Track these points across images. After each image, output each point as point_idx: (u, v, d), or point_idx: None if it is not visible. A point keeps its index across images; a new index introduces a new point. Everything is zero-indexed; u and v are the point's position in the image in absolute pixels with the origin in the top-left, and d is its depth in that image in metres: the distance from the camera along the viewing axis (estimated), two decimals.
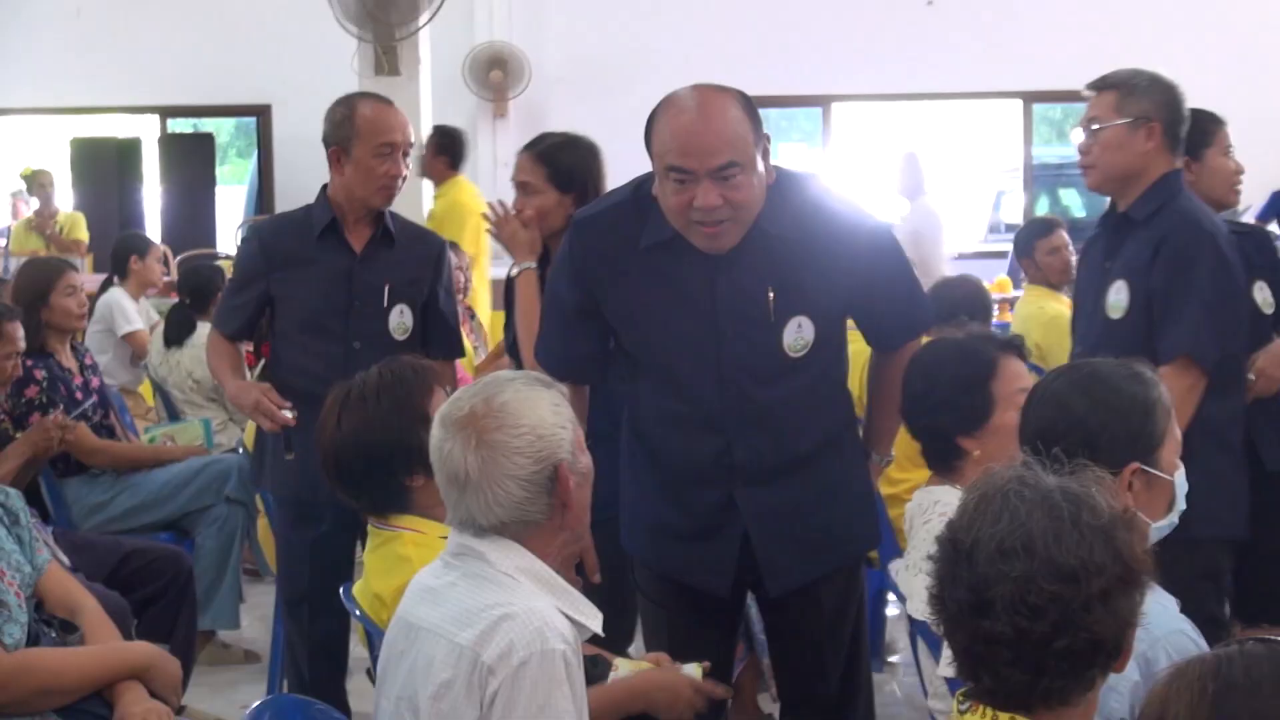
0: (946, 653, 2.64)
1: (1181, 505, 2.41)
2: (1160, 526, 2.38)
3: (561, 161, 3.67)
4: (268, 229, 4.05)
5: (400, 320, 3.88)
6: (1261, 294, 3.93)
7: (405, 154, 3.84)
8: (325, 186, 3.91)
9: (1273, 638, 1.59)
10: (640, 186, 2.86)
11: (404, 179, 3.86)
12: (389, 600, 2.75)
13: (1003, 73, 11.08)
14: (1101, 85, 3.52)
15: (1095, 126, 3.50)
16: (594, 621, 2.29)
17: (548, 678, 2.13)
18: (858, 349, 3.11)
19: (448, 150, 8.52)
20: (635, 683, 2.70)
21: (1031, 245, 6.15)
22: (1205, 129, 3.94)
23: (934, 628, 2.14)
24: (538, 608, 2.18)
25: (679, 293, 2.83)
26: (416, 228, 4.08)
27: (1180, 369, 3.32)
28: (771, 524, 2.93)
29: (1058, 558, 1.76)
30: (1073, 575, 1.75)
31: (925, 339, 3.18)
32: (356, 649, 4.18)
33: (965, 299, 5.09)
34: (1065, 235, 6.20)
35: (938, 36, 11.10)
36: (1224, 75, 10.50)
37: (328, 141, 3.85)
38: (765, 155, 2.75)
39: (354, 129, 3.79)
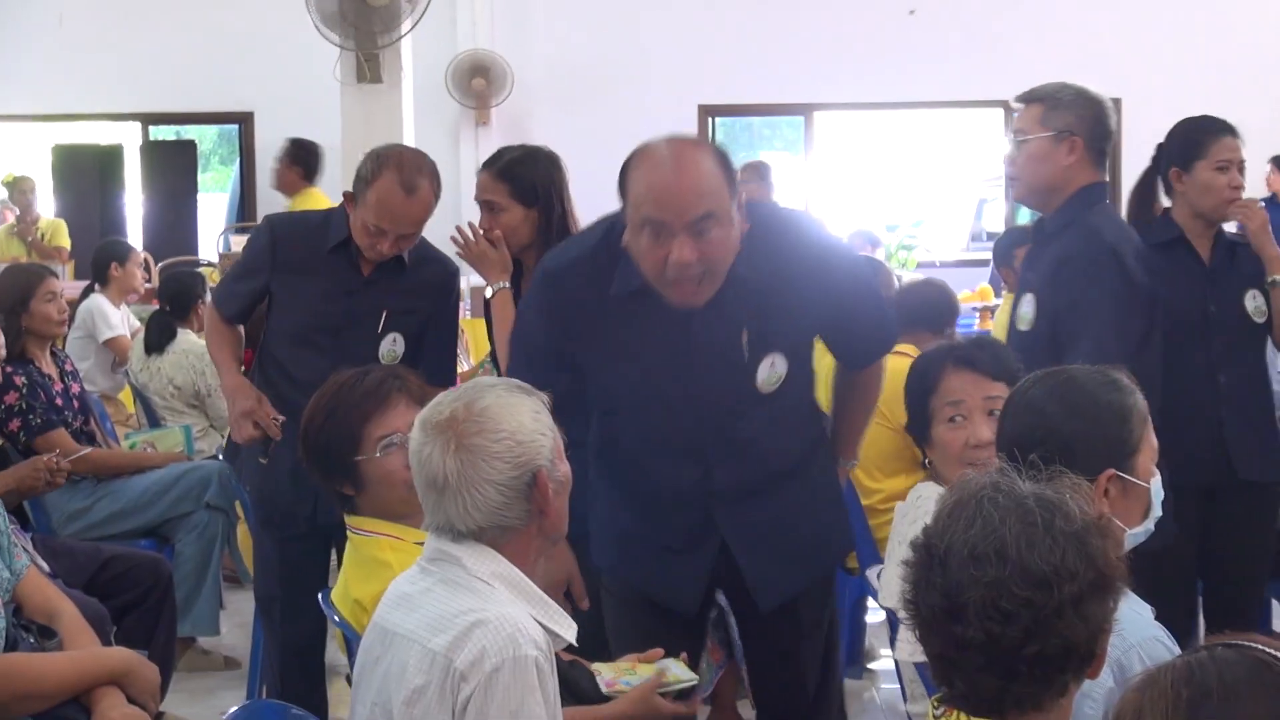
0: (903, 635, 2.64)
1: (1158, 512, 2.41)
2: (1136, 533, 2.38)
3: (523, 176, 3.69)
4: (283, 226, 3.97)
5: (391, 348, 3.83)
6: (1253, 302, 3.96)
7: (406, 236, 3.74)
8: (350, 198, 3.83)
9: (1242, 642, 1.57)
10: (610, 232, 2.85)
11: (398, 250, 3.77)
12: (369, 605, 2.75)
13: (985, 81, 11.08)
14: (1028, 98, 3.55)
15: (1021, 139, 3.53)
16: (568, 631, 2.30)
17: (520, 684, 2.14)
18: (825, 363, 3.15)
19: (301, 162, 8.61)
20: (614, 707, 2.72)
21: (1010, 254, 6.16)
22: (1198, 140, 3.94)
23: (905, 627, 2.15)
24: (511, 614, 2.19)
25: (653, 337, 2.84)
26: (432, 252, 3.95)
27: None
28: (755, 540, 2.97)
29: (1030, 563, 1.76)
30: (1045, 581, 1.76)
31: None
32: (336, 655, 4.18)
33: (927, 304, 5.05)
34: None
35: (920, 45, 11.11)
36: (1204, 87, 10.55)
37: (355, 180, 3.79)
38: (740, 206, 2.76)
39: (364, 192, 3.71)
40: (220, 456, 5.43)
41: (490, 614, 2.18)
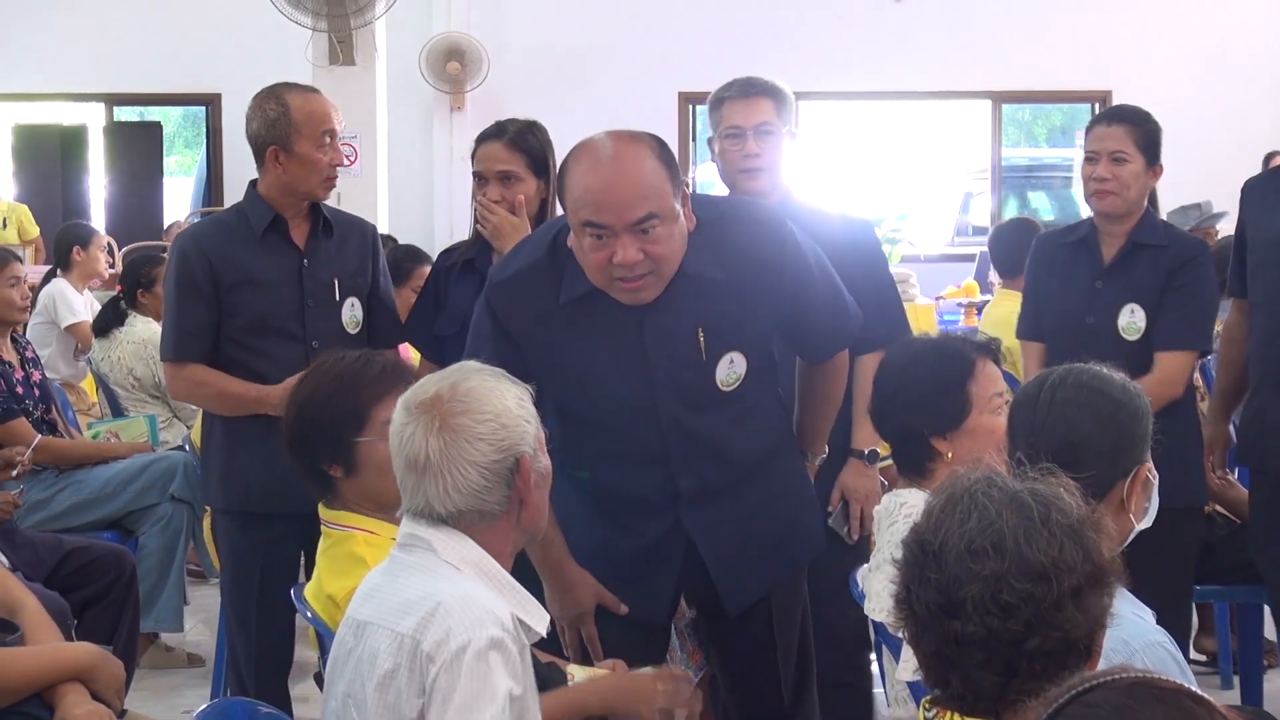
0: (906, 655, 2.60)
1: (1156, 498, 2.44)
2: (1145, 523, 2.42)
3: (534, 147, 3.68)
4: (205, 237, 3.84)
5: (352, 313, 3.80)
6: (1128, 318, 3.86)
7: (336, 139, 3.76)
8: (253, 184, 3.78)
9: (1096, 682, 1.47)
10: (555, 240, 2.81)
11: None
12: (342, 601, 2.70)
13: (972, 73, 11.07)
14: (758, 91, 3.67)
15: (770, 130, 3.65)
16: (540, 623, 2.30)
17: (485, 663, 2.13)
18: None
19: None
20: (598, 685, 2.69)
21: (1026, 246, 6.01)
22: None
23: (893, 631, 2.12)
24: (474, 594, 2.19)
25: (606, 341, 2.81)
26: (347, 215, 3.97)
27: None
28: (723, 542, 2.95)
29: (1029, 556, 1.75)
30: (1044, 574, 1.74)
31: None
32: (302, 653, 4.08)
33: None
34: None
35: (906, 35, 11.07)
36: (1193, 80, 10.56)
37: (263, 140, 3.70)
38: (684, 202, 2.71)
39: (291, 123, 3.68)
40: (186, 447, 5.31)
41: (454, 593, 2.18)
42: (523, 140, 3.66)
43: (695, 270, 2.74)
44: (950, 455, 2.97)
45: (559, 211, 3.62)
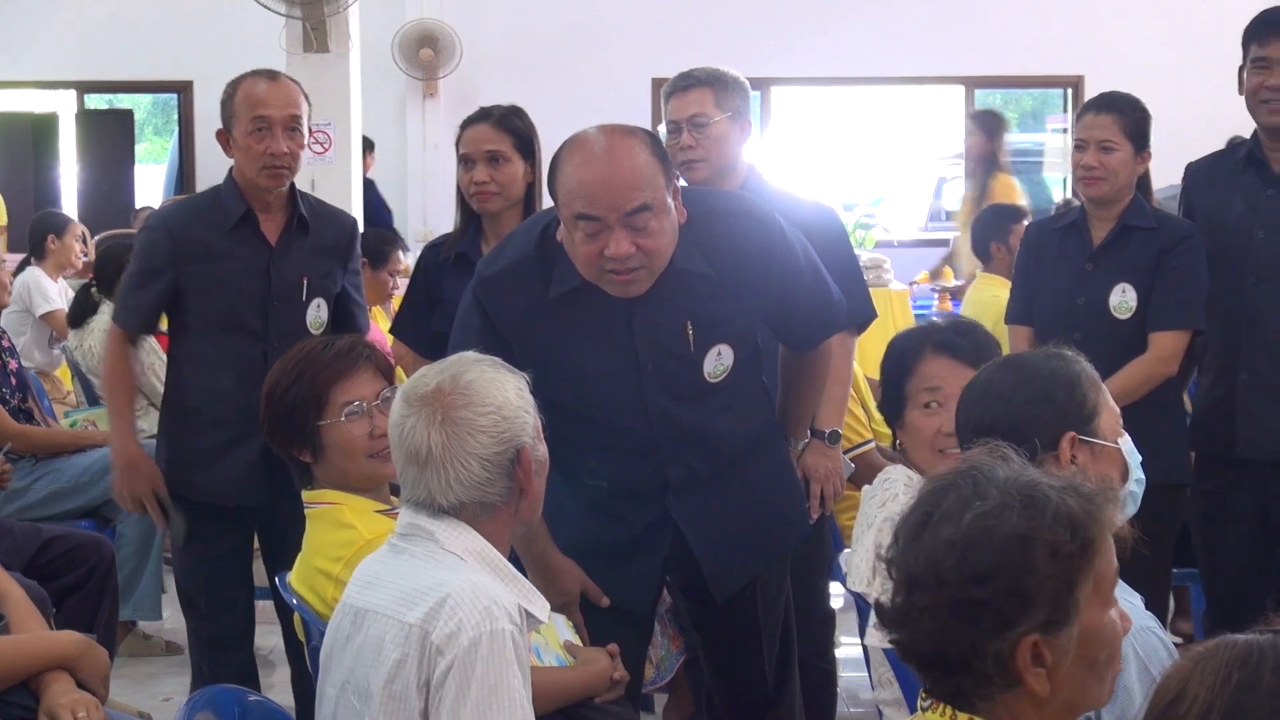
0: (873, 619, 2.63)
1: (1139, 474, 2.41)
2: (1121, 494, 2.36)
3: (521, 129, 3.72)
4: (176, 218, 3.79)
5: (317, 314, 3.76)
6: (1120, 297, 3.90)
7: (291, 129, 3.64)
8: (232, 171, 3.75)
9: None
10: (544, 233, 2.81)
11: (293, 156, 3.65)
12: (338, 571, 2.72)
13: (944, 58, 11.05)
14: (692, 83, 3.63)
15: (703, 122, 3.61)
16: (542, 612, 2.32)
17: (498, 657, 2.14)
18: None
19: None
20: (570, 676, 2.71)
21: (1007, 229, 6.05)
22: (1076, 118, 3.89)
23: (869, 601, 2.12)
24: (482, 584, 2.21)
25: (595, 334, 2.83)
26: (328, 209, 3.92)
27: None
28: (710, 530, 2.98)
29: (908, 557, 1.76)
30: (912, 579, 1.74)
31: None
32: (270, 640, 4.09)
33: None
34: None
35: (880, 20, 11.04)
36: (1166, 65, 10.58)
37: (221, 126, 3.71)
38: (675, 195, 2.73)
39: (233, 109, 3.65)
40: None
41: (463, 584, 2.19)
42: (509, 122, 3.70)
43: (685, 265, 2.76)
44: (900, 444, 3.08)
45: (547, 201, 3.65)
